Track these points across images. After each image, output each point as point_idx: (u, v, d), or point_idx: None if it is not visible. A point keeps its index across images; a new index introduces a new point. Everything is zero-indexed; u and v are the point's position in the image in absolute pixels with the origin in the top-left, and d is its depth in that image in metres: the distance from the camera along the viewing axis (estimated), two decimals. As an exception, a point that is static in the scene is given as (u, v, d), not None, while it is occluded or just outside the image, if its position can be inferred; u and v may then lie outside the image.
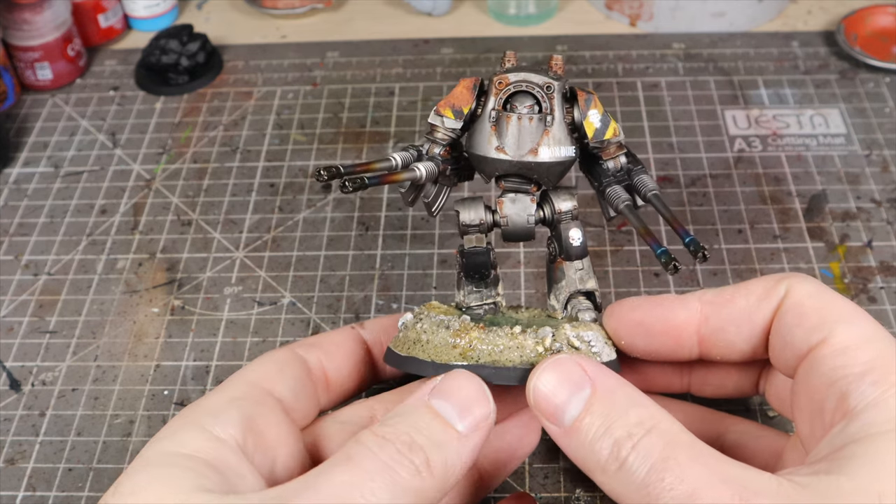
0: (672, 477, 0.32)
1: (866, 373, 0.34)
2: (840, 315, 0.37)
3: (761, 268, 0.57)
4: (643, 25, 0.76)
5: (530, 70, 0.42)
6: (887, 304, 0.55)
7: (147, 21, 0.79)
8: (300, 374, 0.41)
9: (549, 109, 0.41)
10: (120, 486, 0.34)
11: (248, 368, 0.41)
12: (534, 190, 0.43)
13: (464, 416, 0.36)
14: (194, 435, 0.36)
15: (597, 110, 0.42)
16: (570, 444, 0.36)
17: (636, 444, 0.33)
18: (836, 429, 0.34)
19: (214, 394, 0.39)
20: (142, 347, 0.55)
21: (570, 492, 0.47)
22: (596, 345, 0.40)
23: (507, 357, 0.39)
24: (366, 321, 0.46)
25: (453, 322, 0.41)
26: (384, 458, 0.33)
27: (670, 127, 0.67)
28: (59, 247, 0.62)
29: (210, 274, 0.59)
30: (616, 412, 0.35)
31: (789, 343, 0.37)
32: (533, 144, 0.41)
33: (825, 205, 0.61)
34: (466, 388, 0.37)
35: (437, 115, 0.43)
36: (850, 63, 0.72)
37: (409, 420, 0.35)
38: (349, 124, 0.69)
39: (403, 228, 0.61)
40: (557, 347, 0.39)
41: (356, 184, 0.38)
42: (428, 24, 0.79)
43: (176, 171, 0.67)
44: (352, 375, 0.44)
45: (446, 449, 0.35)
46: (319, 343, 0.44)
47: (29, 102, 0.73)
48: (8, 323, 0.57)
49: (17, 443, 0.51)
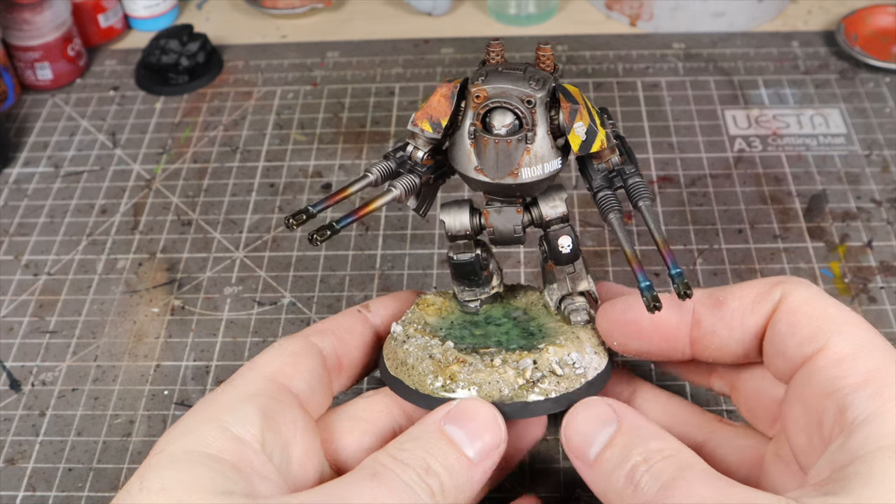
0: (681, 494, 0.33)
1: (864, 384, 0.34)
2: (835, 324, 0.36)
3: (761, 268, 0.57)
4: (643, 25, 0.76)
5: (511, 77, 0.39)
6: (887, 304, 0.55)
7: (147, 21, 0.79)
8: (315, 365, 0.41)
9: (529, 125, 0.38)
10: (146, 482, 0.34)
11: (263, 360, 0.41)
12: (519, 201, 0.41)
13: (475, 444, 0.37)
14: (216, 434, 0.36)
15: (582, 122, 0.38)
16: (594, 477, 0.36)
17: (651, 467, 0.34)
18: (836, 444, 0.34)
19: (231, 388, 0.39)
20: (142, 347, 0.55)
21: (570, 492, 0.47)
22: (581, 365, 0.40)
23: (487, 392, 0.39)
24: (370, 302, 0.46)
25: (436, 351, 0.40)
26: (406, 480, 0.35)
27: (670, 127, 0.67)
28: (59, 247, 0.62)
29: (210, 274, 0.59)
30: (636, 443, 0.35)
31: (782, 352, 0.37)
32: (512, 167, 0.39)
33: (825, 205, 0.61)
34: (480, 416, 0.38)
35: (414, 125, 0.40)
36: (850, 63, 0.72)
37: (424, 445, 0.36)
38: (349, 124, 0.69)
39: (403, 228, 0.61)
40: (538, 377, 0.39)
41: (324, 235, 0.38)
42: (428, 24, 0.79)
43: (176, 171, 0.67)
44: (362, 360, 0.44)
45: (458, 475, 0.36)
46: (332, 329, 0.43)
47: (29, 102, 0.73)
48: (8, 323, 0.57)
49: (17, 443, 0.51)
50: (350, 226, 0.39)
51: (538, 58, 0.40)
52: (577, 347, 0.41)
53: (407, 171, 0.41)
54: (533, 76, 0.39)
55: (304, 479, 0.38)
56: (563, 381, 0.40)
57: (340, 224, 0.39)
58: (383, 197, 0.40)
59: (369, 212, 0.40)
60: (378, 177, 0.41)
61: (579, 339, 0.41)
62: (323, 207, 0.40)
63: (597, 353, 0.41)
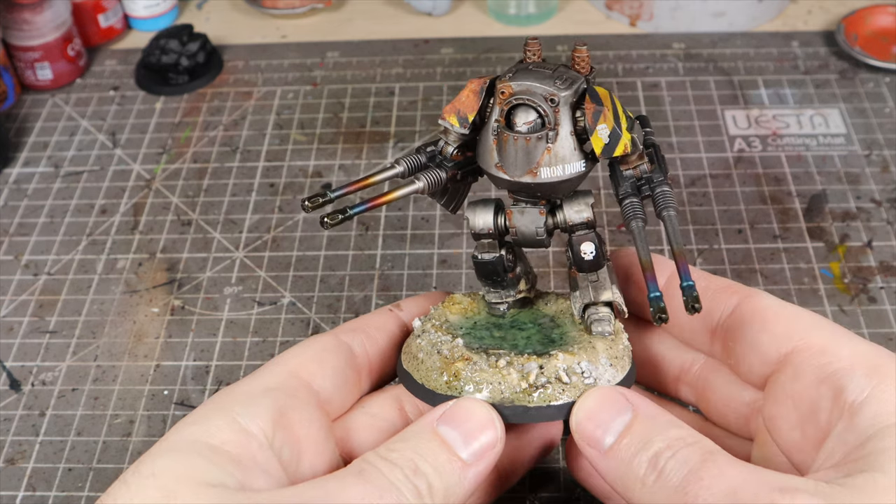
0: (711, 477, 0.33)
1: (855, 366, 0.35)
2: (808, 322, 0.37)
3: (761, 268, 0.57)
4: (643, 25, 0.76)
5: (538, 75, 0.38)
6: (887, 304, 0.55)
7: (147, 21, 0.79)
8: (341, 363, 0.41)
9: (552, 124, 0.38)
10: (141, 465, 0.35)
11: (290, 354, 0.40)
12: (543, 202, 0.41)
13: (469, 445, 0.36)
14: (224, 425, 0.36)
15: (605, 125, 0.38)
16: (609, 466, 0.36)
17: (675, 453, 0.34)
18: (840, 426, 0.34)
19: (251, 379, 0.39)
20: (142, 347, 0.55)
21: (570, 491, 0.47)
22: (591, 375, 0.39)
23: (490, 393, 0.39)
24: (402, 301, 0.46)
25: (445, 347, 0.40)
26: (392, 480, 0.34)
27: (670, 127, 0.67)
28: (59, 247, 0.62)
29: (210, 274, 0.59)
30: (655, 431, 0.35)
31: (755, 348, 0.38)
32: (531, 165, 0.38)
33: (825, 205, 0.61)
34: (475, 417, 0.37)
35: (442, 119, 0.40)
36: (850, 63, 0.72)
37: (415, 445, 0.36)
38: (349, 124, 0.69)
39: (403, 228, 0.61)
40: (542, 382, 0.38)
41: (335, 220, 0.38)
42: (428, 24, 0.79)
43: (176, 171, 0.67)
44: (392, 359, 0.44)
45: (448, 476, 0.36)
46: (363, 327, 0.43)
47: (29, 102, 0.73)
48: (8, 323, 0.57)
49: (17, 443, 0.51)
50: (364, 213, 0.39)
51: (573, 59, 0.40)
52: (591, 357, 0.39)
53: (435, 166, 0.41)
54: (562, 76, 0.39)
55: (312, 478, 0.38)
56: (568, 389, 0.38)
57: (354, 210, 0.38)
58: (405, 188, 0.40)
59: (387, 201, 0.39)
60: (405, 169, 0.41)
61: (595, 348, 0.40)
62: (342, 193, 0.40)
63: (612, 366, 0.39)
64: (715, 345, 0.41)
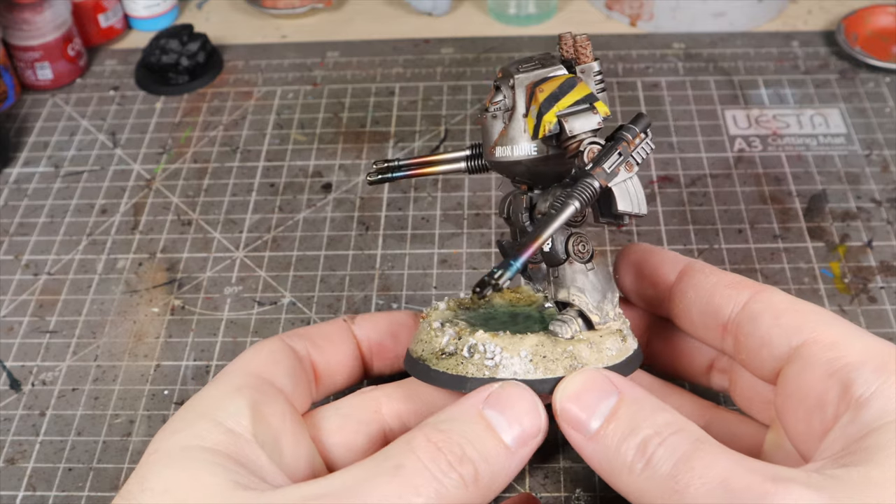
0: (702, 466, 0.32)
1: (865, 362, 0.35)
2: (819, 316, 0.38)
3: (761, 267, 0.57)
4: (643, 25, 0.76)
5: (525, 60, 0.40)
6: (887, 304, 0.55)
7: (147, 21, 0.79)
8: (294, 363, 0.41)
9: (507, 105, 0.39)
10: (147, 482, 0.34)
11: (244, 359, 0.40)
12: (523, 188, 0.41)
13: (514, 431, 0.35)
14: (209, 427, 0.36)
15: (535, 105, 0.38)
16: (595, 450, 0.35)
17: (664, 440, 0.33)
18: (845, 419, 0.34)
19: (216, 385, 0.39)
20: (142, 347, 0.55)
21: (570, 491, 0.47)
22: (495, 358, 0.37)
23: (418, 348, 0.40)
24: (358, 316, 0.46)
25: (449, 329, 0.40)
26: (434, 472, 0.33)
27: (670, 127, 0.67)
28: (59, 247, 0.62)
29: (210, 274, 0.59)
30: (642, 415, 0.35)
31: (767, 342, 0.38)
32: (489, 144, 0.40)
33: (825, 205, 0.61)
34: (521, 402, 0.36)
35: None
36: (850, 63, 0.72)
37: (462, 429, 0.35)
38: (349, 124, 0.69)
39: (403, 228, 0.61)
40: (451, 350, 0.38)
41: (375, 178, 0.41)
42: (428, 24, 0.79)
43: (176, 170, 0.67)
44: (340, 370, 0.44)
45: (494, 463, 0.35)
46: (309, 335, 0.43)
47: (29, 102, 0.73)
48: (8, 323, 0.57)
49: (17, 442, 0.51)
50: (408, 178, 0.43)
51: (561, 49, 0.40)
52: (508, 344, 0.38)
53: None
54: (543, 61, 0.39)
55: (296, 469, 0.38)
56: (467, 363, 0.38)
57: (396, 175, 0.42)
58: (449, 164, 0.43)
59: (430, 173, 0.42)
60: (467, 155, 0.43)
61: (522, 340, 0.38)
62: (406, 164, 0.43)
63: (532, 362, 0.38)
64: (726, 340, 0.40)
